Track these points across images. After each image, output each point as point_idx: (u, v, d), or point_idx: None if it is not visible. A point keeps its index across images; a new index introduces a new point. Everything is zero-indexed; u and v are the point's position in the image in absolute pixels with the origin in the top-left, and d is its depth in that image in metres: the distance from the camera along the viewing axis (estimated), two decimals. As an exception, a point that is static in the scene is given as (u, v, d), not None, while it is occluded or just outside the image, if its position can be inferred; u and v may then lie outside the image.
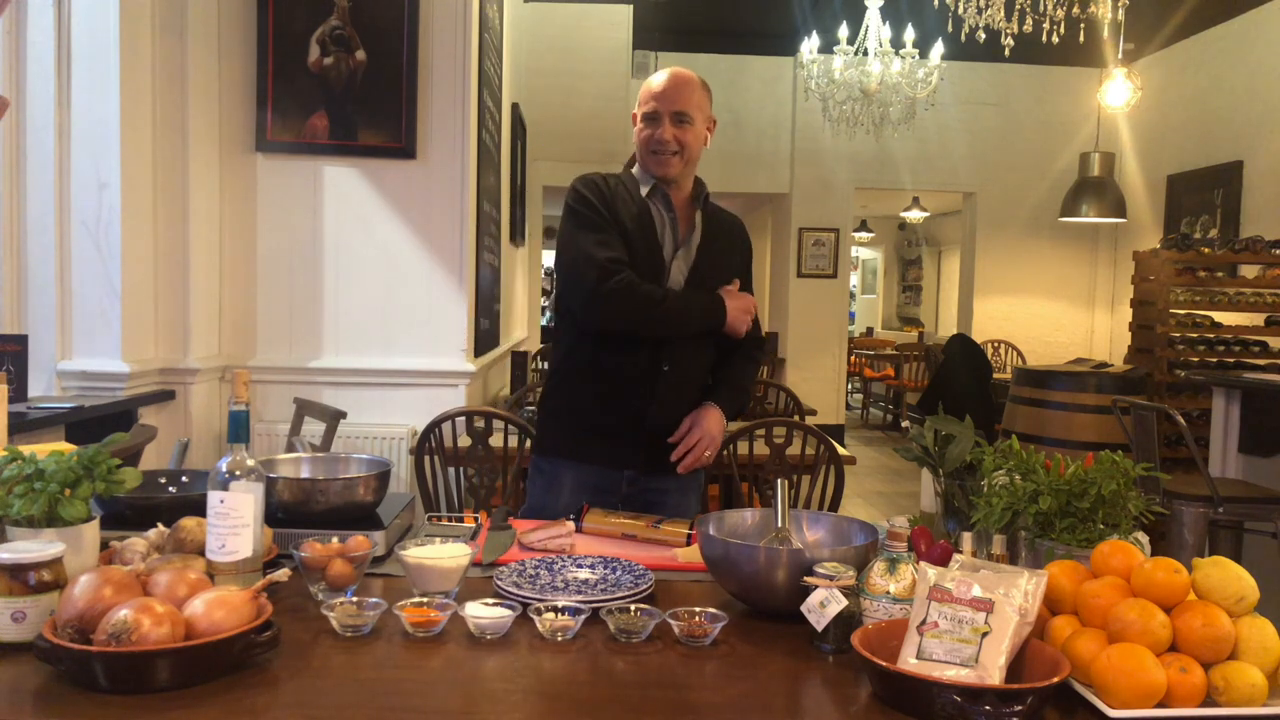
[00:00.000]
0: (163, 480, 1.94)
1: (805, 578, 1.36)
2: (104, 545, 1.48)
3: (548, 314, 10.31)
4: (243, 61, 3.80)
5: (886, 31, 5.80)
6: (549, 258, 8.37)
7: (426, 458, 3.30)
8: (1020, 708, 1.08)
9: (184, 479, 1.94)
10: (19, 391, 2.93)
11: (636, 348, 2.12)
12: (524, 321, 7.45)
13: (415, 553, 1.50)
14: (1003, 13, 4.59)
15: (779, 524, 1.59)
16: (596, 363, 2.15)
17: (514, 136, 5.69)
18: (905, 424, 9.98)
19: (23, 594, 1.26)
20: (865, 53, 5.80)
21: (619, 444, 2.16)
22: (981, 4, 4.61)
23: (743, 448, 3.35)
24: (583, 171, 2.21)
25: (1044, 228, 8.96)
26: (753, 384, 2.33)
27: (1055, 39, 4.55)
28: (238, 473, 1.38)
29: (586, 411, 2.19)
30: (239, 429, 1.42)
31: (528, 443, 3.01)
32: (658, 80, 2.10)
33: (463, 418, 3.37)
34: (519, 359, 4.80)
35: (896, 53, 5.72)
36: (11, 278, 3.24)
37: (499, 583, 1.50)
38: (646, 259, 2.10)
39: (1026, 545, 1.46)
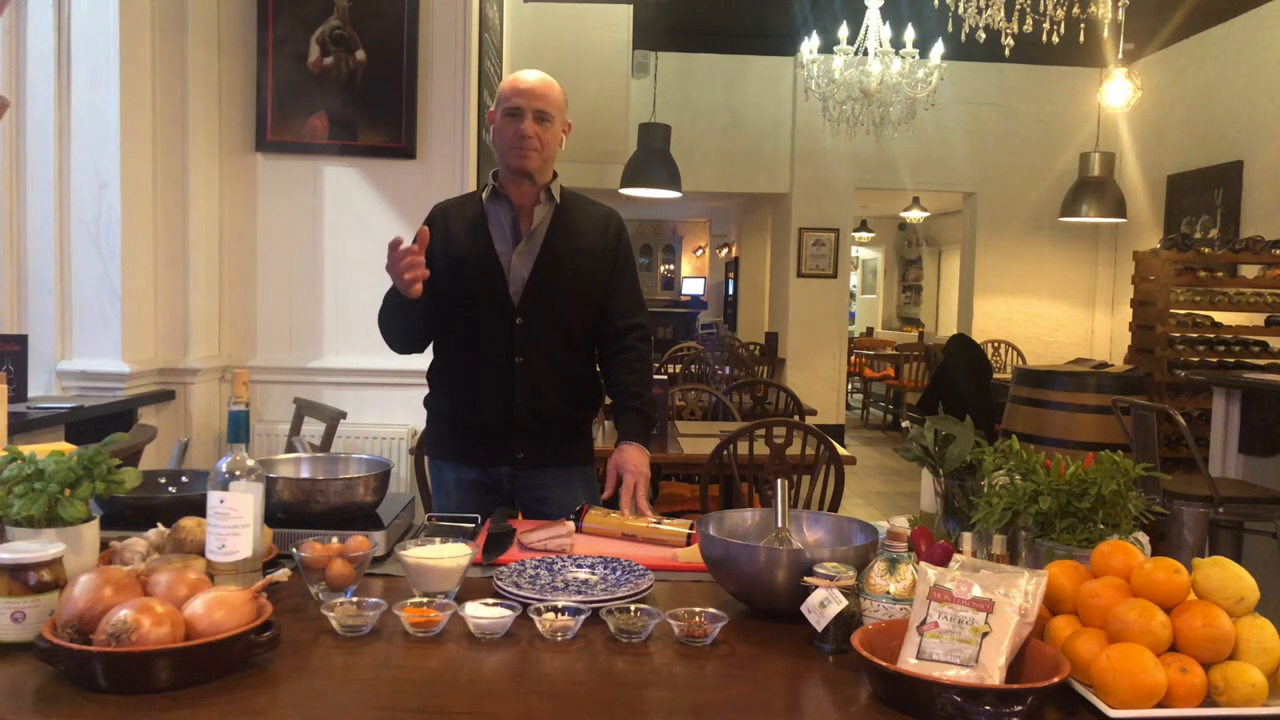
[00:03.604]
0: (163, 480, 1.94)
1: (805, 578, 1.36)
2: (104, 545, 1.48)
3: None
4: (243, 61, 3.80)
5: (886, 31, 5.79)
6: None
7: (426, 458, 3.30)
8: (1020, 708, 1.08)
9: (184, 479, 1.94)
10: (19, 391, 2.93)
11: (487, 344, 2.17)
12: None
13: (415, 553, 1.50)
14: (1003, 13, 4.58)
15: (779, 524, 1.59)
16: (455, 364, 2.23)
17: (514, 136, 5.68)
18: (905, 424, 9.97)
19: (23, 594, 1.26)
20: (865, 53, 5.80)
21: (491, 442, 2.21)
22: (981, 4, 4.60)
23: (743, 448, 3.35)
24: (581, 170, 2.24)
25: (1044, 228, 8.96)
26: (649, 385, 2.28)
27: (1055, 39, 4.55)
28: (238, 473, 1.38)
29: (456, 413, 2.26)
30: (239, 429, 1.42)
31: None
32: (521, 79, 2.15)
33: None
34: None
35: (896, 53, 5.71)
36: (11, 278, 3.24)
37: (499, 583, 1.50)
38: (480, 260, 2.17)
39: (1026, 545, 1.46)
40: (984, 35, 4.74)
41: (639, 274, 2.38)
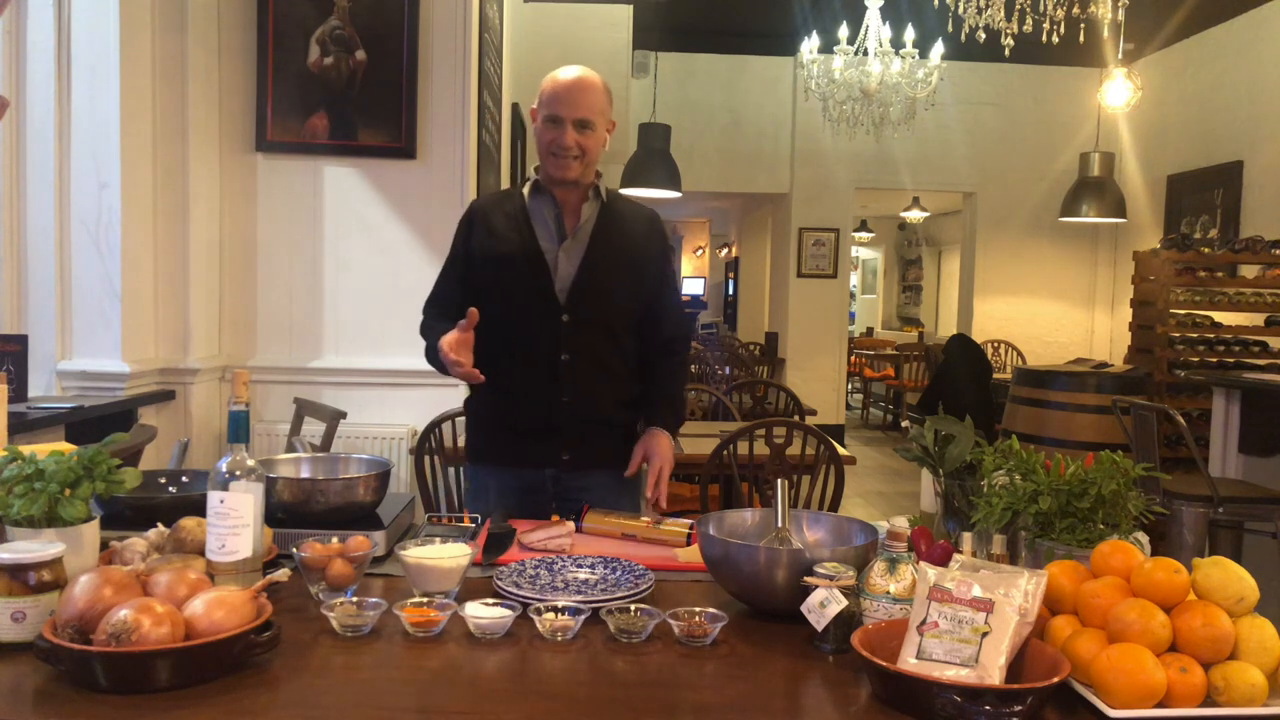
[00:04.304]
0: (163, 480, 1.94)
1: (805, 578, 1.36)
2: (104, 545, 1.48)
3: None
4: (243, 61, 3.80)
5: (886, 31, 5.80)
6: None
7: (426, 458, 3.30)
8: (1020, 708, 1.08)
9: (184, 479, 1.94)
10: (19, 391, 2.93)
11: (533, 342, 2.14)
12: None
13: (415, 553, 1.50)
14: (1003, 13, 4.58)
15: (779, 524, 1.59)
16: (500, 363, 2.15)
17: (514, 136, 5.69)
18: (905, 424, 9.98)
19: (23, 594, 1.26)
20: (865, 53, 5.80)
21: (536, 443, 2.17)
22: (981, 4, 4.60)
23: (743, 448, 3.35)
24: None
25: (1044, 228, 8.96)
26: (684, 386, 2.32)
27: (1055, 39, 4.55)
28: (238, 473, 1.38)
29: (500, 413, 2.21)
30: (239, 429, 1.42)
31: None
32: (562, 83, 2.09)
33: (463, 418, 3.37)
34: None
35: (896, 53, 5.71)
36: (11, 278, 3.24)
37: (499, 583, 1.50)
38: (523, 256, 2.14)
39: (1026, 545, 1.46)
40: (984, 35, 4.74)
41: None
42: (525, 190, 2.20)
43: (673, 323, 2.29)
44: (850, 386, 11.51)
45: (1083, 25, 4.77)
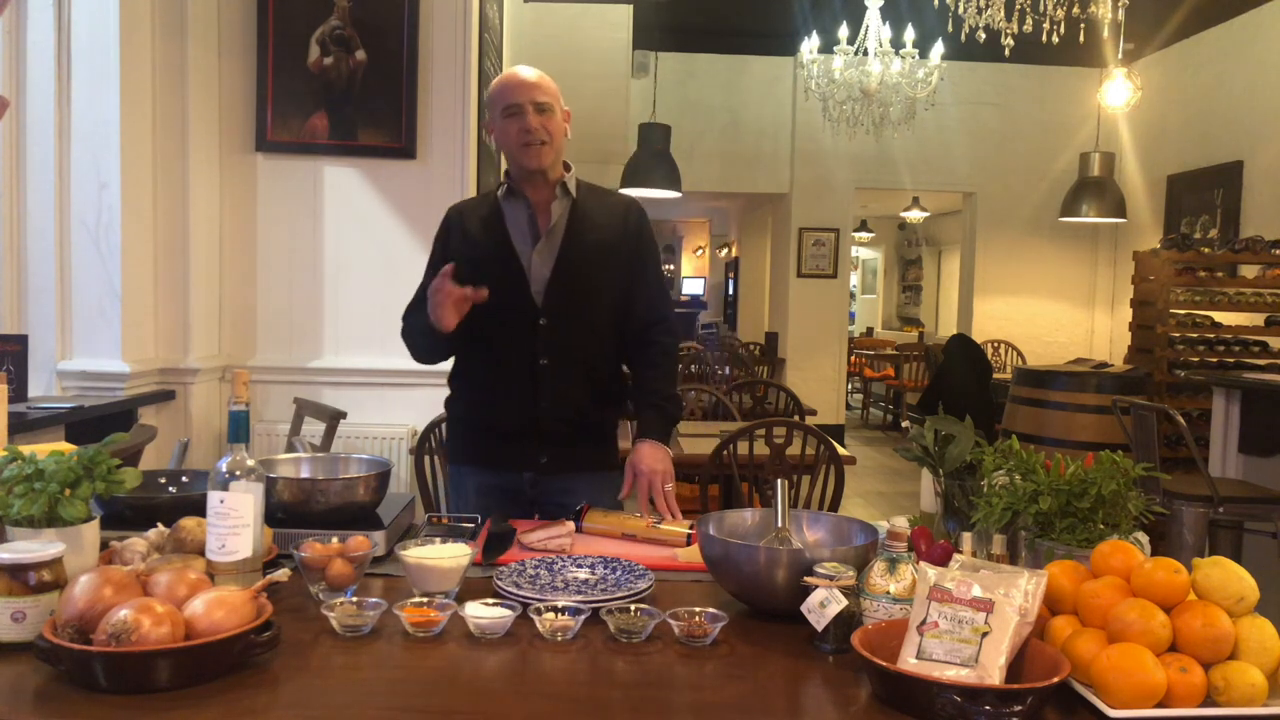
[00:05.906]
0: (163, 480, 1.94)
1: (805, 578, 1.36)
2: (104, 545, 1.48)
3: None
4: (243, 61, 3.80)
5: (886, 31, 5.79)
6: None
7: (426, 458, 3.30)
8: (1020, 708, 1.08)
9: (184, 479, 1.94)
10: (19, 391, 2.93)
11: (510, 346, 2.12)
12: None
13: (415, 553, 1.50)
14: (1003, 13, 4.58)
15: (779, 524, 1.59)
16: (478, 367, 2.16)
17: (514, 136, 5.69)
18: (905, 424, 9.97)
19: (23, 594, 1.26)
20: (865, 53, 5.80)
21: (515, 445, 2.15)
22: (981, 4, 4.61)
23: (743, 448, 3.35)
24: (581, 170, 2.22)
25: (1044, 228, 8.96)
26: (671, 380, 2.25)
27: (1055, 39, 4.55)
28: (238, 473, 1.38)
29: (478, 417, 2.20)
30: (239, 429, 1.42)
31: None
32: (507, 77, 2.12)
33: (463, 418, 3.37)
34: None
35: (896, 53, 5.71)
36: (11, 278, 3.24)
37: (499, 583, 1.50)
38: (498, 261, 2.13)
39: (1026, 545, 1.46)
40: (984, 35, 4.74)
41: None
42: (500, 193, 2.18)
43: (648, 307, 2.20)
44: (850, 386, 11.51)
45: (1083, 25, 4.77)
